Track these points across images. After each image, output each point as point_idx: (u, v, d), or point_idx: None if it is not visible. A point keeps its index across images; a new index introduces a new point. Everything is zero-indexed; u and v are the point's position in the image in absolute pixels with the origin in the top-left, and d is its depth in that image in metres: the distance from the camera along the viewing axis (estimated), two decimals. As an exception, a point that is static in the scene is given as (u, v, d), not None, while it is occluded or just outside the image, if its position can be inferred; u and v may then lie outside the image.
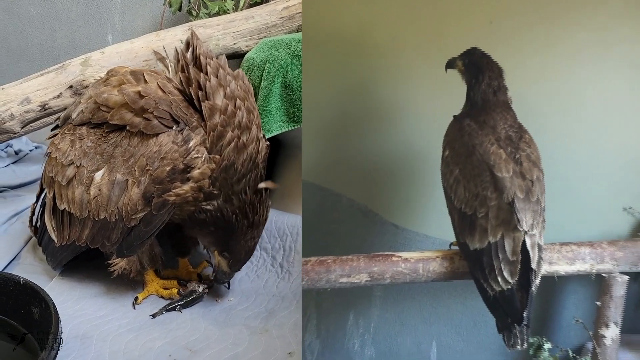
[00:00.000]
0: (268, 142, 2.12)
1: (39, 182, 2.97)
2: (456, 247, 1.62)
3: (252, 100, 1.99)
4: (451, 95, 1.64)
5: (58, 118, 2.36)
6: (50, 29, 3.83)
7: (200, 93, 1.86)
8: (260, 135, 2.00)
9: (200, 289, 2.12)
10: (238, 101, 1.89)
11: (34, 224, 2.43)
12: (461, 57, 1.62)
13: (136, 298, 2.12)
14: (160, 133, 1.87)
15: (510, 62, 1.63)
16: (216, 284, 2.17)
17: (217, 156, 1.85)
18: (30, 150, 3.60)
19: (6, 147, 3.50)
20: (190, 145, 1.84)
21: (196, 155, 1.84)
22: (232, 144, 1.86)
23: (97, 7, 3.68)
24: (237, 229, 1.95)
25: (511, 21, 1.73)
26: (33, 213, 2.43)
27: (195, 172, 1.85)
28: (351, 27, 1.80)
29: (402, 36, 1.79)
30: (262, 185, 1.96)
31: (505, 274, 1.51)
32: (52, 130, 2.31)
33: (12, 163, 3.43)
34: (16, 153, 3.52)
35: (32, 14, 3.84)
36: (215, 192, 1.89)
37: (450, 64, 1.63)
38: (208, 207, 1.92)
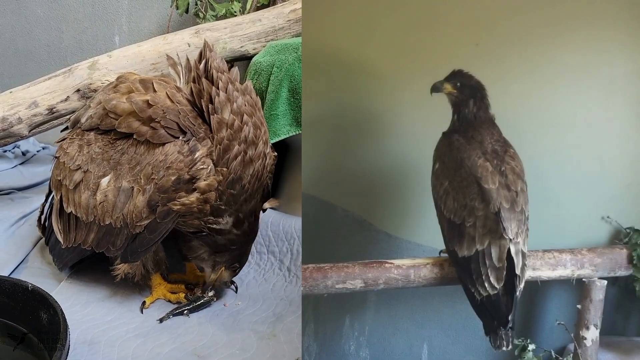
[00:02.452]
0: (276, 153, 2.14)
1: (47, 183, 3.00)
2: (446, 255, 1.68)
3: (260, 114, 2.00)
4: (440, 112, 1.70)
5: (68, 120, 2.38)
6: (57, 30, 3.81)
7: (210, 106, 1.87)
8: (267, 151, 2.00)
9: (209, 295, 2.10)
10: (245, 116, 1.90)
11: (42, 223, 2.44)
12: (449, 79, 1.67)
13: (144, 302, 2.11)
14: (167, 142, 1.88)
15: (496, 83, 1.70)
16: (224, 288, 2.16)
17: (224, 169, 1.86)
18: (37, 151, 3.55)
19: (13, 148, 3.44)
20: (196, 156, 1.85)
21: (202, 167, 1.85)
22: (239, 157, 1.87)
23: (104, 8, 3.66)
24: (252, 240, 2.01)
25: (496, 44, 1.79)
26: (42, 212, 2.43)
27: (202, 183, 1.85)
28: (348, 49, 1.84)
29: (395, 57, 1.84)
30: (266, 205, 2.00)
31: (492, 279, 1.58)
32: (62, 131, 2.33)
33: (20, 164, 3.38)
34: (23, 154, 3.48)
35: (39, 15, 3.82)
36: (223, 207, 1.89)
37: (436, 89, 1.68)
38: (217, 226, 1.93)
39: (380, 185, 1.87)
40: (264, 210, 2.08)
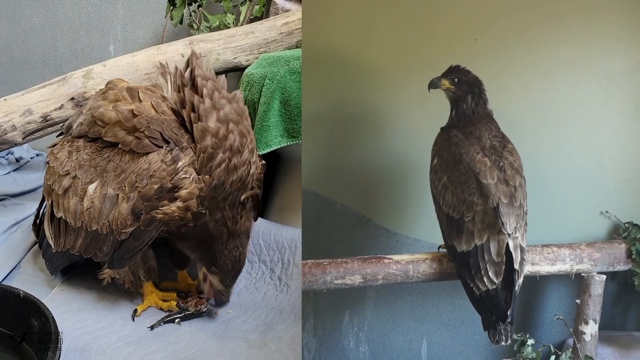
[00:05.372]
0: (264, 162, 2.15)
1: (40, 189, 2.98)
2: (444, 250, 1.69)
3: (247, 123, 1.99)
4: (439, 108, 1.70)
5: (62, 127, 2.39)
6: (53, 39, 3.80)
7: (192, 115, 1.88)
8: (254, 159, 2.00)
9: (204, 309, 2.09)
10: (231, 124, 1.90)
11: (37, 226, 2.43)
12: (447, 75, 1.67)
13: (135, 310, 2.10)
14: (151, 152, 1.89)
15: (495, 78, 1.71)
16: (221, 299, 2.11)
17: (207, 176, 1.86)
18: (31, 158, 3.51)
19: (7, 155, 3.39)
20: (178, 165, 1.86)
21: (184, 176, 1.86)
22: (223, 165, 1.87)
23: (99, 17, 3.66)
24: (217, 237, 1.95)
25: (495, 39, 1.80)
26: (37, 215, 2.44)
27: (183, 192, 1.86)
28: (347, 45, 1.85)
29: (394, 53, 1.85)
30: (242, 197, 1.97)
31: (491, 274, 1.58)
32: (57, 136, 2.33)
33: (13, 170, 3.33)
34: (17, 160, 3.43)
35: (34, 23, 3.81)
36: (204, 211, 1.90)
37: (433, 85, 1.68)
38: (190, 223, 1.92)
39: (379, 181, 1.88)
40: (244, 204, 2.05)
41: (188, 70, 1.96)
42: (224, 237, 1.96)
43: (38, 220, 2.44)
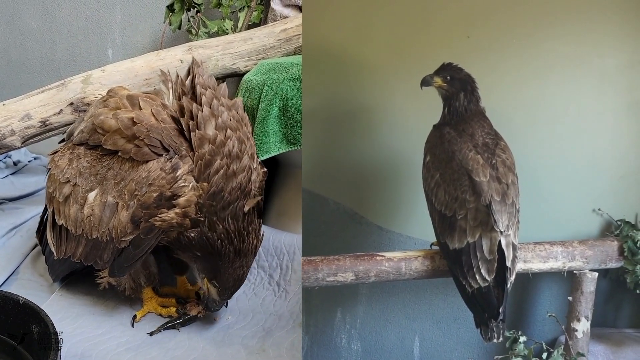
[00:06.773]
0: (265, 169, 2.14)
1: (38, 193, 2.96)
2: (437, 247, 1.69)
3: (246, 130, 1.99)
4: (432, 105, 1.71)
5: (61, 132, 2.39)
6: (51, 43, 3.81)
7: (191, 123, 1.88)
8: (254, 165, 1.99)
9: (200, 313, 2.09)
10: (229, 131, 1.90)
11: (40, 233, 2.42)
12: (439, 73, 1.68)
13: (134, 316, 2.10)
14: (150, 160, 1.89)
15: (487, 75, 1.71)
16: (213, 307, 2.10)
17: (205, 183, 1.86)
18: (29, 161, 3.49)
19: (5, 158, 3.37)
20: (178, 173, 1.86)
21: (183, 184, 1.86)
22: (221, 171, 1.87)
23: (98, 22, 3.68)
24: (224, 255, 1.93)
25: (488, 36, 1.80)
26: (40, 222, 2.42)
27: (181, 200, 1.86)
28: (342, 42, 1.86)
29: (387, 50, 1.85)
30: (246, 207, 1.96)
31: (483, 271, 1.59)
32: (59, 143, 2.33)
33: (11, 174, 3.32)
34: (15, 164, 3.41)
35: (32, 27, 3.82)
36: (202, 218, 1.89)
37: (426, 82, 1.68)
38: (192, 234, 1.91)
39: (371, 178, 1.88)
40: (250, 219, 2.05)
41: (189, 78, 1.97)
42: (230, 255, 1.93)
43: (42, 227, 2.42)
